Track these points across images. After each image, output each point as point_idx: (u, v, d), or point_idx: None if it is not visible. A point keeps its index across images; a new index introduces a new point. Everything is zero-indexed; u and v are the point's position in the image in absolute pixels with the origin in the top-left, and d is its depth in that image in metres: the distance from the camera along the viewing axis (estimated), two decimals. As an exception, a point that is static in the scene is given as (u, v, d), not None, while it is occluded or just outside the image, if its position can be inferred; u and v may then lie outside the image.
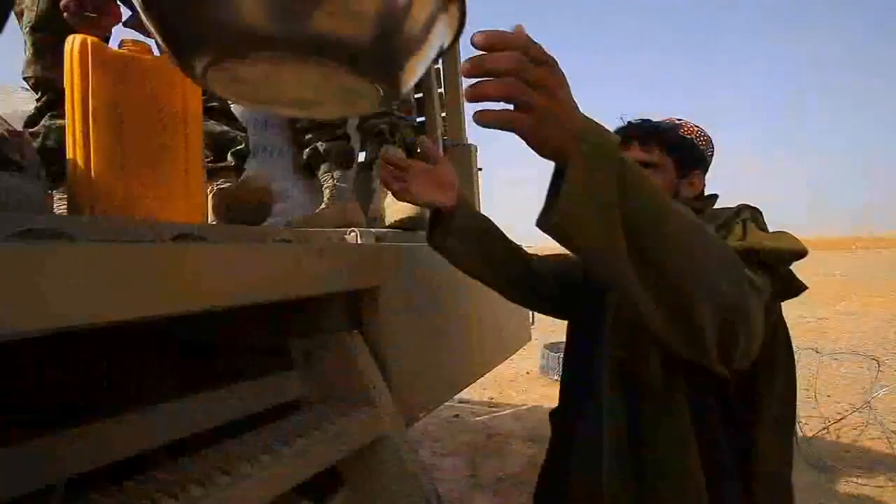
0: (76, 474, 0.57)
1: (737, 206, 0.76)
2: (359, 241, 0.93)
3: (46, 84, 1.00)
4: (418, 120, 1.71)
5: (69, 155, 0.75)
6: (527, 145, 0.48)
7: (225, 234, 0.71)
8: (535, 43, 0.45)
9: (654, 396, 0.68)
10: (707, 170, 0.88)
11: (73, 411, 0.78)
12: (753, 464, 0.68)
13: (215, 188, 1.10)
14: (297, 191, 1.40)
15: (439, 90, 1.77)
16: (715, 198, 0.86)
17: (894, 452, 2.49)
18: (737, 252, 0.60)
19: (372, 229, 1.07)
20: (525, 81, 0.45)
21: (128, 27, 0.81)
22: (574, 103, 0.48)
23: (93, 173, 0.72)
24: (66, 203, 0.83)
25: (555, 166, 0.50)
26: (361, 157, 1.54)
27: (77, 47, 0.73)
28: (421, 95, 1.67)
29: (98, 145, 0.72)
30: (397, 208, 1.24)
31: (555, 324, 0.95)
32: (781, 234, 0.68)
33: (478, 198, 1.82)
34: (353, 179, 1.41)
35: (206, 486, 0.52)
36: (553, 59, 0.46)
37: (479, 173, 1.84)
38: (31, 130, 0.98)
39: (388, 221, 1.25)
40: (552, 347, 4.04)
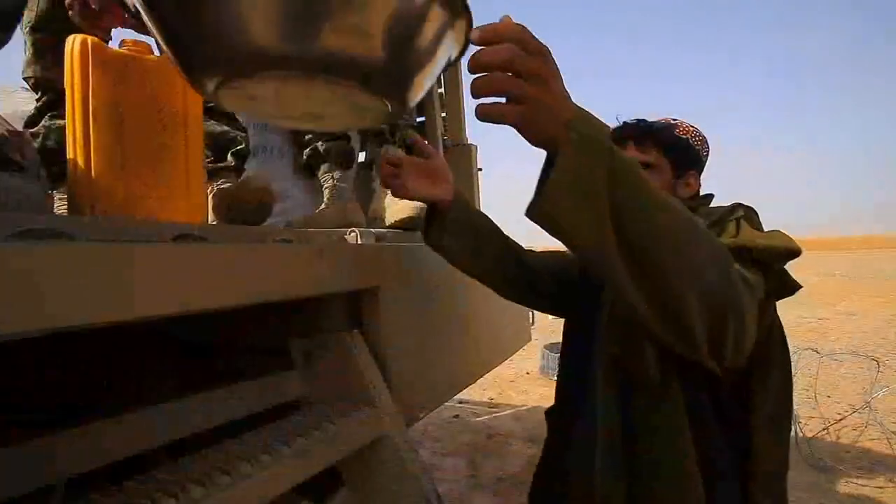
0: (76, 474, 0.57)
1: (731, 204, 0.77)
2: (359, 242, 0.93)
3: (46, 84, 1.00)
4: (418, 120, 1.71)
5: (69, 155, 0.75)
6: (519, 135, 0.48)
7: (225, 234, 0.71)
8: (528, 33, 0.45)
9: (649, 394, 0.68)
10: (703, 170, 0.88)
11: (73, 411, 0.78)
12: (751, 463, 0.68)
13: (216, 188, 1.11)
14: (298, 191, 1.40)
15: (439, 90, 1.78)
16: (711, 197, 0.86)
17: (894, 453, 2.50)
18: (729, 249, 0.60)
19: (372, 229, 1.07)
20: (518, 73, 0.45)
21: (128, 27, 0.81)
22: (566, 93, 0.48)
23: (93, 173, 0.72)
24: (66, 203, 0.83)
25: (546, 155, 0.50)
26: (361, 157, 1.55)
27: (77, 47, 0.73)
28: (421, 96, 1.67)
29: (98, 145, 0.72)
30: (397, 208, 1.24)
31: (555, 324, 0.95)
32: (775, 233, 0.68)
33: (478, 197, 1.83)
34: (353, 179, 1.41)
35: (206, 486, 0.52)
36: (546, 49, 0.46)
37: (480, 173, 1.84)
38: (31, 131, 0.98)
39: (388, 221, 1.25)
40: (552, 348, 4.04)
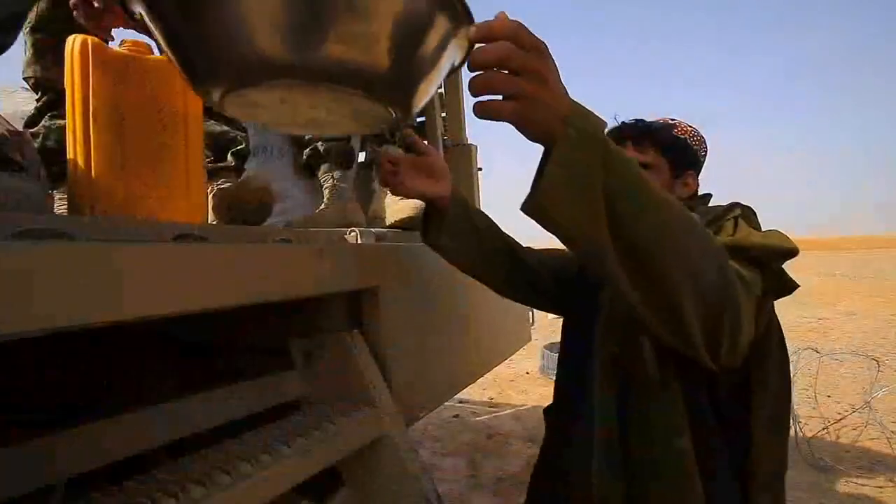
0: (76, 474, 0.57)
1: (728, 203, 0.77)
2: (359, 241, 0.93)
3: (46, 84, 1.00)
4: (418, 120, 1.71)
5: (69, 155, 0.75)
6: (517, 131, 0.48)
7: (225, 234, 0.71)
8: (523, 29, 0.45)
9: (647, 393, 0.68)
10: (701, 170, 0.88)
11: (73, 411, 0.78)
12: (751, 463, 0.68)
13: (216, 188, 1.11)
14: (298, 191, 1.40)
15: (439, 91, 1.78)
16: (709, 197, 0.86)
17: (894, 453, 2.49)
18: (726, 248, 0.61)
19: (372, 229, 1.07)
20: (514, 70, 0.45)
21: (130, 28, 0.80)
22: (563, 88, 0.48)
23: (93, 173, 0.72)
24: (66, 203, 0.83)
25: (543, 151, 0.50)
26: (361, 157, 1.55)
27: (77, 47, 0.73)
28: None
29: (98, 145, 0.72)
30: (397, 208, 1.24)
31: (555, 324, 0.95)
32: (772, 233, 0.68)
33: (478, 197, 1.83)
34: (353, 179, 1.41)
35: (206, 486, 0.52)
36: (542, 45, 0.46)
37: (480, 173, 1.84)
38: (31, 130, 0.98)
39: (388, 221, 1.25)
40: (552, 348, 4.04)
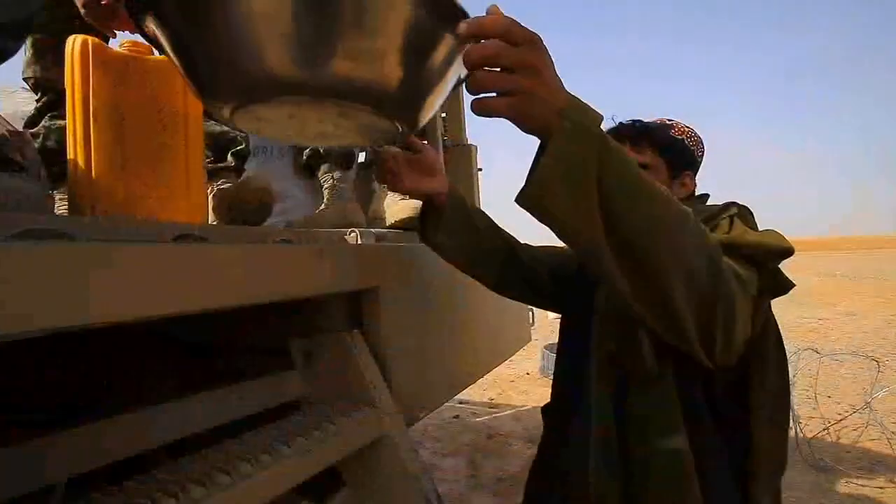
0: (76, 474, 0.57)
1: (724, 202, 0.77)
2: (359, 242, 0.93)
3: (46, 84, 1.00)
4: (418, 120, 1.71)
5: (70, 155, 0.75)
6: (514, 125, 0.48)
7: (226, 234, 0.71)
8: (514, 24, 0.45)
9: (644, 392, 0.68)
10: (698, 170, 0.88)
11: (73, 411, 0.78)
12: (751, 463, 0.68)
13: (216, 188, 1.11)
14: (298, 191, 1.40)
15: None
16: (706, 197, 0.86)
17: (894, 453, 2.49)
18: (721, 245, 0.61)
19: (372, 229, 1.07)
20: (507, 66, 0.45)
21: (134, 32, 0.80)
22: (558, 80, 0.48)
23: (93, 173, 0.72)
24: (66, 203, 0.83)
25: (539, 144, 0.50)
26: (361, 157, 1.54)
27: (78, 48, 0.73)
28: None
29: (99, 145, 0.72)
30: (397, 209, 1.24)
31: (555, 324, 0.95)
32: (767, 232, 0.68)
33: (478, 197, 1.83)
34: (353, 180, 1.41)
35: (206, 486, 0.52)
36: (535, 38, 0.46)
37: (480, 173, 1.85)
38: (31, 131, 0.98)
39: (388, 222, 1.25)
40: (552, 348, 4.04)
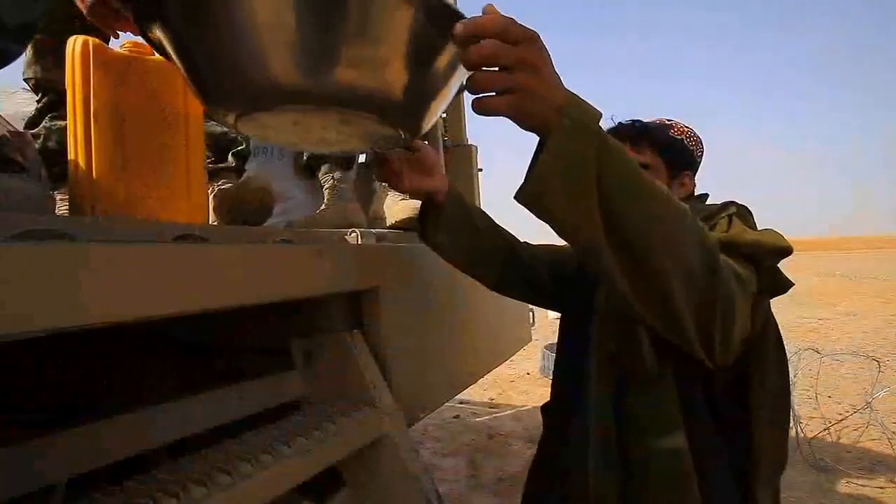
0: (76, 474, 0.57)
1: (723, 202, 0.77)
2: (359, 242, 0.93)
3: (47, 85, 1.00)
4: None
5: (70, 156, 0.75)
6: (514, 123, 0.49)
7: (226, 234, 0.71)
8: (511, 22, 0.45)
9: (644, 392, 0.68)
10: (697, 170, 0.88)
11: (73, 411, 0.78)
12: (752, 464, 0.68)
13: (216, 189, 1.11)
14: (298, 191, 1.40)
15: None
16: (705, 197, 0.87)
17: (895, 453, 2.49)
18: (720, 244, 0.61)
19: (372, 230, 1.07)
20: (506, 65, 0.45)
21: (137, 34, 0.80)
22: (557, 77, 0.48)
23: (94, 174, 0.72)
24: (67, 204, 0.83)
25: (538, 140, 0.50)
26: (362, 157, 1.55)
27: (79, 48, 0.73)
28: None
29: (99, 146, 0.72)
30: (398, 209, 1.24)
31: (555, 325, 0.95)
32: (766, 231, 0.69)
33: (478, 198, 1.83)
34: (354, 180, 1.41)
35: (207, 486, 0.52)
36: (532, 35, 0.46)
37: (480, 173, 1.85)
38: (32, 132, 0.98)
39: (388, 222, 1.25)
40: (552, 348, 4.04)
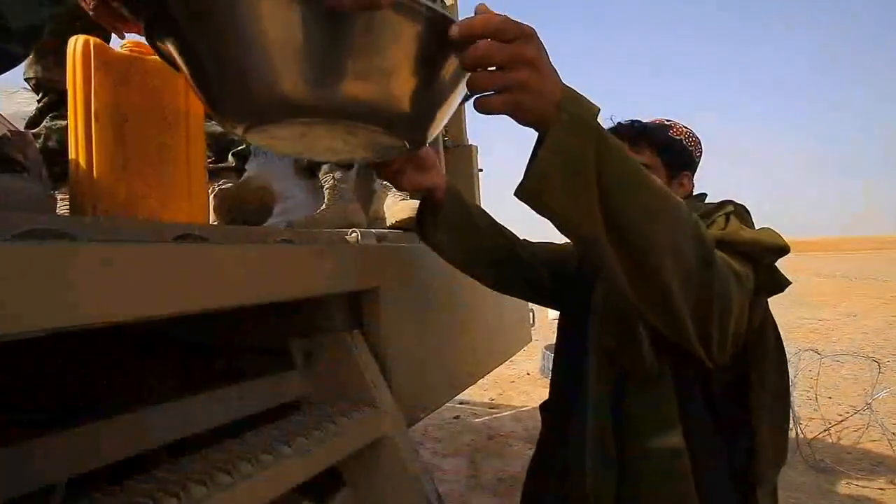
0: (76, 474, 0.57)
1: (720, 200, 0.77)
2: (359, 242, 0.93)
3: (48, 85, 1.00)
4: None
5: (71, 155, 0.75)
6: (512, 119, 0.49)
7: (227, 234, 0.71)
8: (504, 21, 0.45)
9: (642, 391, 0.68)
10: (696, 170, 0.89)
11: (73, 411, 0.78)
12: (753, 464, 0.68)
13: (217, 189, 1.11)
14: (298, 191, 1.40)
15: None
16: (704, 197, 0.87)
17: (895, 454, 2.49)
18: (717, 242, 0.61)
19: (373, 230, 1.07)
20: (501, 64, 0.45)
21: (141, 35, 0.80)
22: (554, 72, 0.48)
23: (95, 174, 0.72)
24: (68, 204, 0.83)
25: (537, 136, 0.50)
26: (362, 158, 1.54)
27: (80, 48, 0.73)
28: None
29: (100, 146, 0.73)
30: (398, 209, 1.24)
31: (556, 325, 0.95)
32: (763, 230, 0.69)
33: (478, 198, 1.83)
34: (354, 180, 1.41)
35: (207, 486, 0.53)
36: (527, 31, 0.46)
37: (480, 174, 1.85)
38: (32, 131, 0.98)
39: (388, 222, 1.25)
40: (552, 349, 4.04)
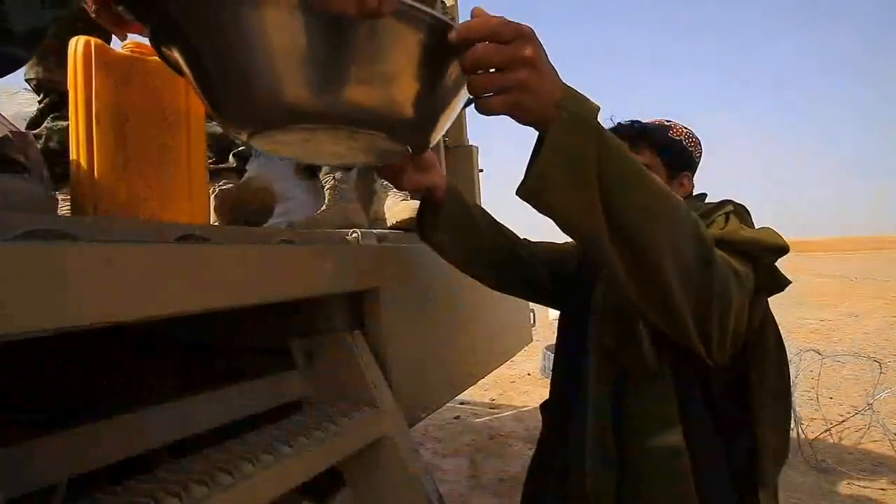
0: (77, 474, 0.57)
1: (720, 200, 0.77)
2: (360, 243, 0.93)
3: (49, 86, 1.00)
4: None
5: (72, 156, 0.75)
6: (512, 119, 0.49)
7: (227, 235, 0.71)
8: (500, 23, 0.45)
9: (642, 391, 0.68)
10: (695, 171, 0.89)
11: (73, 411, 0.78)
12: (753, 464, 0.68)
13: (217, 189, 1.11)
14: (299, 192, 1.40)
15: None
16: (704, 197, 0.87)
17: (896, 454, 2.49)
18: (717, 241, 0.61)
19: (373, 230, 1.07)
20: (500, 66, 0.45)
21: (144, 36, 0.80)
22: (553, 70, 0.48)
23: (96, 174, 0.73)
24: (69, 204, 0.84)
25: (537, 135, 0.51)
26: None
27: (81, 49, 0.73)
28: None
29: (101, 146, 0.73)
30: (398, 209, 1.24)
31: (556, 325, 0.95)
32: (762, 229, 0.69)
33: (479, 198, 1.83)
34: (355, 181, 1.41)
35: (208, 486, 0.53)
36: (525, 31, 0.46)
37: (481, 174, 1.85)
38: (34, 132, 0.98)
39: (389, 223, 1.25)
40: (553, 349, 4.04)
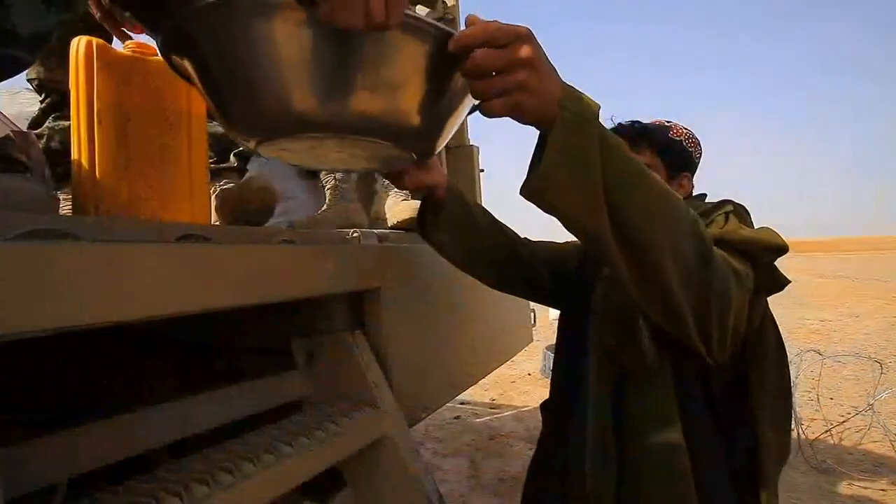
0: (77, 474, 0.57)
1: (720, 200, 0.77)
2: (361, 242, 0.93)
3: (50, 86, 1.00)
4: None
5: (74, 156, 0.75)
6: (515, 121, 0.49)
7: (228, 234, 0.71)
8: (495, 28, 0.46)
9: (642, 391, 0.68)
10: (695, 171, 0.89)
11: (73, 411, 0.78)
12: (754, 464, 0.68)
13: (218, 189, 1.11)
14: (300, 191, 1.40)
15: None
16: (703, 197, 0.87)
17: (897, 455, 2.49)
18: (716, 240, 0.62)
19: (374, 230, 1.07)
20: (499, 70, 0.46)
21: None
22: (552, 69, 0.48)
23: (97, 174, 0.73)
24: (70, 204, 0.84)
25: (539, 135, 0.51)
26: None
27: (82, 49, 0.73)
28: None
29: (103, 146, 0.73)
30: (399, 209, 1.24)
31: (556, 325, 0.95)
32: (762, 229, 0.69)
33: (480, 198, 1.83)
34: (356, 181, 1.41)
35: (209, 485, 0.53)
36: (522, 33, 0.46)
37: (482, 174, 1.85)
38: (35, 132, 0.98)
39: (390, 223, 1.25)
40: (553, 349, 4.03)
